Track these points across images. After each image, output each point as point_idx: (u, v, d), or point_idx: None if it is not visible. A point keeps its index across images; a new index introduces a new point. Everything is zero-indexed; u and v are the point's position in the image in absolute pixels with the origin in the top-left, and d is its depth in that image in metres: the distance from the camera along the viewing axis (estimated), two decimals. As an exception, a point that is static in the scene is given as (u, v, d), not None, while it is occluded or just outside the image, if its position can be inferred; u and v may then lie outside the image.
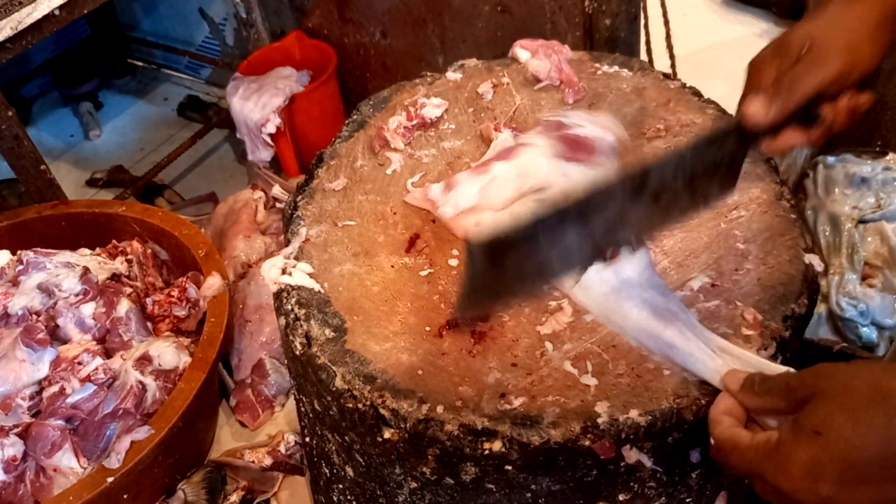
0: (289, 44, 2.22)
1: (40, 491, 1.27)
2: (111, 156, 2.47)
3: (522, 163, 1.00)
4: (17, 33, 1.49)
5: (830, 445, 0.57)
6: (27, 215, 1.69)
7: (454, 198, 1.01)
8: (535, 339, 0.86)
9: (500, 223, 0.79)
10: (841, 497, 0.57)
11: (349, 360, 0.84)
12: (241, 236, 1.81)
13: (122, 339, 1.45)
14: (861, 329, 1.60)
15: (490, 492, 0.82)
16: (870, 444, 0.56)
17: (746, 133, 0.82)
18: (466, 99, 1.19)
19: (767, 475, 0.62)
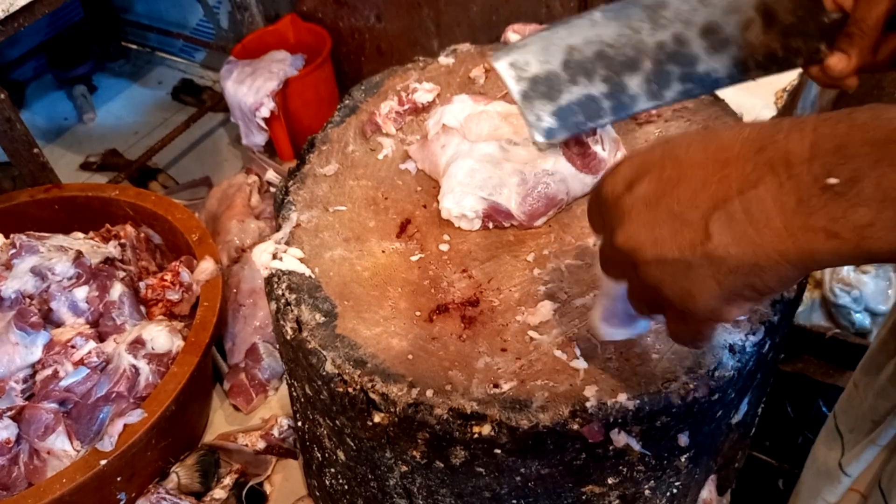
0: (283, 27, 2.21)
1: (34, 473, 1.27)
2: (105, 139, 2.46)
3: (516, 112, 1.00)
4: (8, 15, 1.48)
5: (654, 149, 0.56)
6: (20, 199, 1.68)
7: (441, 113, 1.02)
8: (524, 324, 0.86)
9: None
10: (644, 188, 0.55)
11: (339, 345, 0.84)
12: (234, 220, 1.81)
13: (116, 322, 1.45)
14: (854, 315, 1.61)
15: (480, 475, 0.82)
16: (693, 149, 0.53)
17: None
18: (459, 84, 1.19)
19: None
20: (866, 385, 0.90)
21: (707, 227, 0.51)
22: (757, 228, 0.49)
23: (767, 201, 0.48)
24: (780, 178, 0.48)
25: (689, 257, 0.52)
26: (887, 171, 0.43)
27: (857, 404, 0.91)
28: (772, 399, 1.07)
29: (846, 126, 0.46)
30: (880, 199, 0.44)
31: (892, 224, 0.44)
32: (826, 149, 0.46)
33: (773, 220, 0.48)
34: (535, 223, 0.96)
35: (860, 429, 0.90)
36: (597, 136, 0.96)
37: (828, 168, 0.45)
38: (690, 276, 0.53)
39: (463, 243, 0.96)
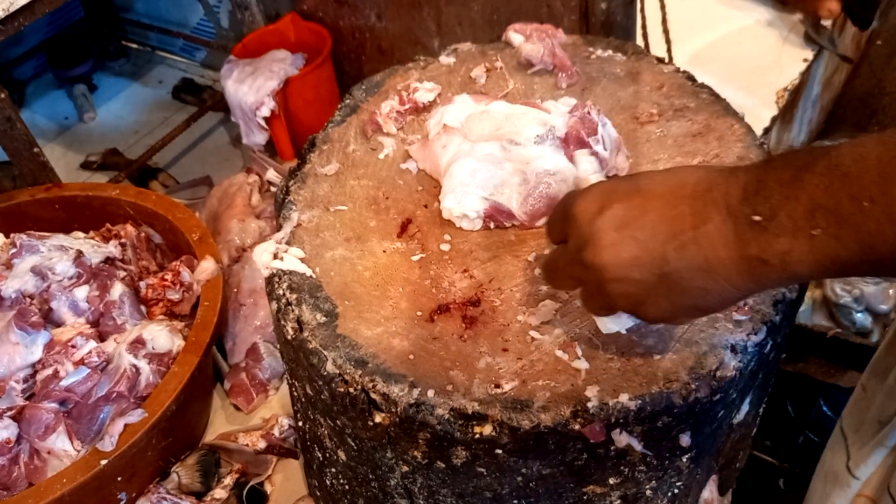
0: (284, 27, 2.21)
1: (34, 473, 1.27)
2: (105, 138, 2.46)
3: (518, 111, 1.00)
4: (8, 14, 1.48)
5: (621, 183, 0.67)
6: (20, 198, 1.68)
7: (442, 113, 1.02)
8: (525, 324, 0.86)
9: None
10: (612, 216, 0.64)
11: (340, 345, 0.84)
12: (235, 220, 1.81)
13: (116, 322, 1.45)
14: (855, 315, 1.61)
15: (481, 475, 0.82)
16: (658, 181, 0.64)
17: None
18: (460, 83, 1.19)
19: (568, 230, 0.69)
20: (874, 387, 0.90)
21: (664, 254, 0.61)
22: (706, 257, 0.59)
23: (714, 235, 0.58)
24: (723, 216, 0.58)
25: (647, 278, 0.62)
26: (795, 206, 0.53)
27: (865, 406, 0.91)
28: (773, 399, 1.07)
29: (764, 170, 0.56)
30: (793, 229, 0.53)
31: (807, 248, 0.53)
32: (751, 191, 0.56)
33: (718, 250, 0.58)
34: (536, 223, 0.96)
35: (866, 430, 0.90)
36: (598, 135, 0.96)
37: (753, 206, 0.56)
38: (646, 294, 0.64)
39: (464, 243, 0.96)
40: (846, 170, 0.51)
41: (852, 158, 0.51)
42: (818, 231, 0.52)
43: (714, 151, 1.02)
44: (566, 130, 0.97)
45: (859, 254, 0.52)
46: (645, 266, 0.62)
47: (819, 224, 0.52)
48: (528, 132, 0.97)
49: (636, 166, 1.02)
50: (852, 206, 0.50)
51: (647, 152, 1.05)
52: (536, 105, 1.02)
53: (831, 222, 0.52)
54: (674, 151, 1.04)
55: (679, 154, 1.03)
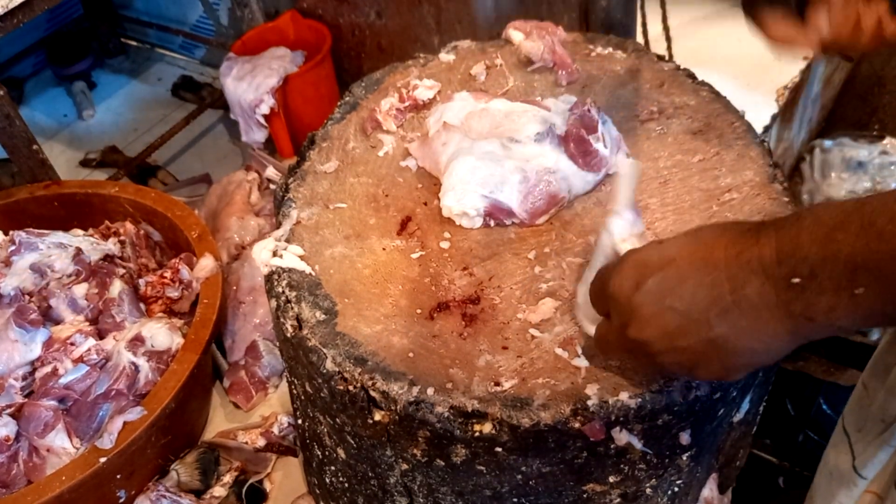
0: (283, 24, 2.20)
1: (33, 471, 1.27)
2: (104, 136, 2.46)
3: (518, 109, 1.00)
4: (7, 11, 1.47)
5: (659, 250, 0.67)
6: (19, 195, 1.68)
7: (442, 111, 1.02)
8: (525, 322, 0.86)
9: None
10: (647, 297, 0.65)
11: (340, 343, 0.84)
12: (234, 217, 1.80)
13: (115, 320, 1.45)
14: (854, 313, 1.60)
15: (480, 473, 0.82)
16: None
17: None
18: (459, 81, 1.18)
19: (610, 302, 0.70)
20: (875, 385, 0.90)
21: (709, 320, 0.62)
22: (749, 320, 0.60)
23: (754, 298, 0.59)
24: (761, 280, 0.58)
25: (696, 346, 0.63)
26: (833, 266, 0.53)
27: (867, 405, 0.91)
28: (772, 397, 1.07)
29: (797, 230, 0.56)
30: (835, 288, 0.54)
31: (848, 305, 0.54)
32: (787, 252, 0.57)
33: (761, 312, 0.59)
34: (536, 221, 0.96)
35: (869, 429, 0.90)
36: (598, 133, 0.96)
37: (791, 268, 0.56)
38: (697, 360, 0.65)
39: (464, 241, 0.96)
40: (881, 228, 0.51)
41: (887, 217, 0.51)
42: (861, 290, 0.53)
43: (714, 149, 1.02)
44: (566, 128, 0.97)
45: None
46: (691, 334, 0.63)
47: (861, 283, 0.53)
48: (528, 130, 0.97)
49: (636, 164, 1.02)
50: (892, 264, 0.51)
51: (647, 150, 1.04)
52: (536, 103, 1.02)
53: (872, 281, 0.52)
54: (674, 149, 1.04)
55: (679, 152, 1.03)
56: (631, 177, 0.80)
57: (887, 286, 0.52)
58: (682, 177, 1.00)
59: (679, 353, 0.65)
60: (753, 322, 0.59)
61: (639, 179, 0.84)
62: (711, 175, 0.99)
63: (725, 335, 0.61)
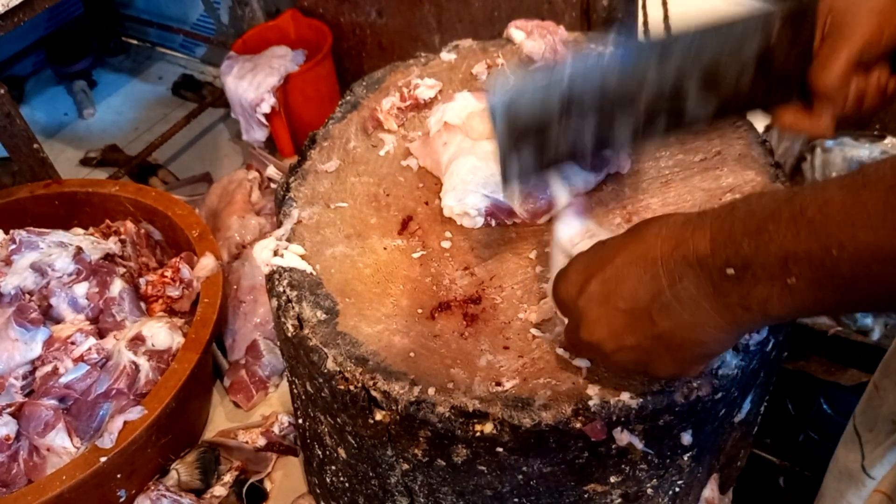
0: (284, 23, 2.20)
1: (33, 470, 1.27)
2: (105, 135, 2.45)
3: None
4: (8, 10, 1.47)
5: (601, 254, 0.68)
6: (20, 194, 1.68)
7: (443, 111, 1.02)
8: (526, 321, 0.86)
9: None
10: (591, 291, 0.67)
11: (341, 342, 0.84)
12: (235, 217, 1.80)
13: (116, 319, 1.45)
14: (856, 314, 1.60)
15: (481, 473, 0.82)
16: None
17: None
18: (461, 80, 1.18)
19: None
20: (886, 386, 0.90)
21: (651, 317, 0.62)
22: (690, 312, 0.60)
23: (692, 290, 0.59)
24: (696, 272, 0.59)
25: (643, 343, 0.65)
26: (765, 256, 0.54)
27: (877, 405, 0.91)
28: (773, 397, 1.07)
29: (731, 221, 0.57)
30: (768, 278, 0.54)
31: (783, 295, 0.54)
32: (720, 243, 0.57)
33: (700, 303, 0.59)
34: (537, 221, 0.95)
35: (880, 430, 0.90)
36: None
37: (725, 260, 0.56)
38: (648, 356, 0.66)
39: (465, 240, 0.96)
40: (811, 216, 0.52)
41: (816, 205, 0.52)
42: (793, 279, 0.53)
43: (716, 149, 1.02)
44: (568, 127, 0.96)
45: (838, 296, 0.53)
46: (637, 332, 0.64)
47: (793, 272, 0.53)
48: None
49: (638, 163, 1.02)
50: (822, 253, 0.51)
51: (648, 150, 1.04)
52: (538, 102, 1.02)
53: (804, 269, 0.52)
54: (675, 148, 1.03)
55: (681, 151, 1.03)
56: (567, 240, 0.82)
57: (818, 275, 0.52)
58: (683, 176, 0.99)
59: (630, 352, 0.66)
60: (694, 315, 0.60)
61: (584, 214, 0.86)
62: (713, 175, 0.99)
63: (670, 330, 0.62)
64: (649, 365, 0.67)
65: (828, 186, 0.52)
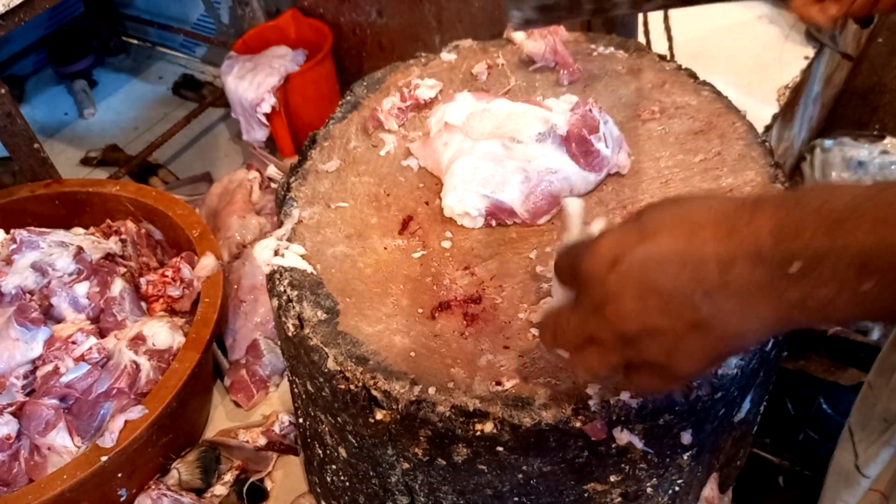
0: (284, 23, 2.20)
1: (34, 469, 1.27)
2: (105, 134, 2.45)
3: (519, 109, 1.00)
4: (8, 10, 1.47)
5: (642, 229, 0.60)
6: (20, 194, 1.68)
7: (443, 111, 1.02)
8: (526, 321, 0.86)
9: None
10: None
11: (341, 342, 0.84)
12: (235, 216, 1.80)
13: (116, 318, 1.45)
14: (855, 312, 1.60)
15: (482, 472, 0.82)
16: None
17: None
18: (461, 80, 1.18)
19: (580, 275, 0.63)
20: (880, 385, 0.90)
21: (693, 302, 0.56)
22: (737, 303, 0.55)
23: (745, 280, 0.54)
24: (754, 263, 0.53)
25: (677, 328, 0.57)
26: (840, 257, 0.49)
27: (871, 404, 0.91)
28: (773, 396, 1.07)
29: (800, 213, 0.52)
30: (837, 280, 0.50)
31: (849, 299, 0.50)
32: (787, 235, 0.52)
33: (753, 295, 0.54)
34: (538, 221, 0.96)
35: (872, 428, 0.90)
36: (600, 133, 0.96)
37: (791, 253, 0.51)
38: (676, 346, 0.58)
39: (465, 240, 0.96)
40: (890, 219, 0.48)
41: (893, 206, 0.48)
42: (868, 286, 0.49)
43: (716, 149, 1.02)
44: (568, 128, 0.97)
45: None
46: (673, 315, 0.57)
47: (869, 279, 0.49)
48: (530, 130, 0.97)
49: (638, 163, 1.02)
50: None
51: (648, 150, 1.04)
52: (538, 103, 1.02)
53: (882, 277, 0.48)
54: (675, 149, 1.04)
55: (681, 152, 1.03)
56: (578, 215, 0.77)
57: (894, 283, 0.48)
58: (683, 177, 1.00)
59: (658, 336, 0.59)
60: (742, 305, 0.55)
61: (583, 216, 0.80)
62: (713, 175, 0.99)
63: (711, 318, 0.56)
64: (671, 357, 0.59)
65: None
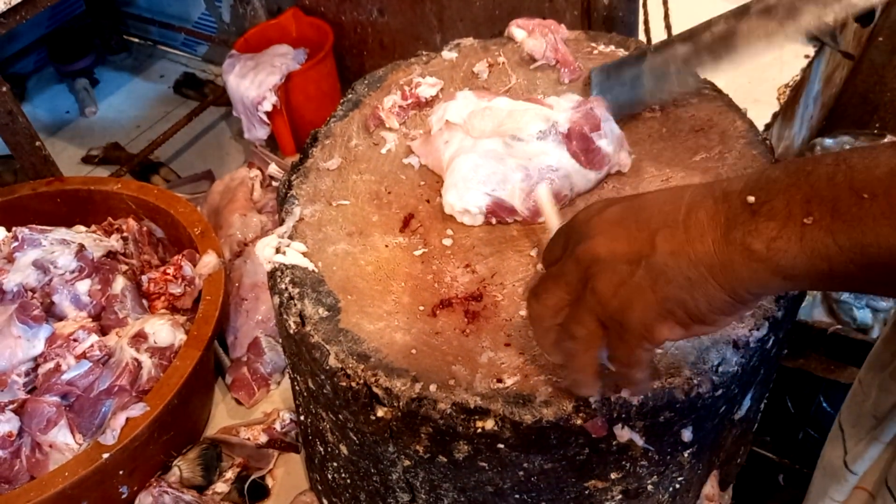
0: (285, 21, 2.21)
1: (36, 467, 1.27)
2: (107, 133, 2.46)
3: (520, 107, 1.00)
4: (10, 8, 1.47)
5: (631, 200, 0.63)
6: (22, 192, 1.68)
7: (445, 109, 1.02)
8: (527, 319, 0.86)
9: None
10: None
11: (343, 339, 0.84)
12: (237, 214, 1.81)
13: (118, 316, 1.45)
14: (856, 311, 1.61)
15: (483, 470, 0.82)
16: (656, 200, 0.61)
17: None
18: (462, 78, 1.18)
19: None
20: (870, 382, 0.90)
21: (654, 240, 0.58)
22: (691, 243, 0.56)
23: (703, 220, 0.56)
24: (717, 203, 0.55)
25: (634, 265, 0.59)
26: (794, 193, 0.51)
27: (861, 401, 0.91)
28: (772, 395, 1.08)
29: (772, 168, 0.54)
30: (786, 215, 0.51)
31: (795, 238, 0.50)
32: (755, 181, 0.54)
33: (705, 236, 0.55)
34: (538, 219, 0.96)
35: (862, 425, 0.90)
36: (601, 131, 0.96)
37: (751, 189, 0.54)
38: (633, 288, 0.59)
39: (466, 238, 0.96)
40: (852, 164, 0.49)
41: (861, 156, 0.49)
42: (810, 220, 0.49)
43: (717, 148, 1.02)
44: (569, 126, 0.97)
45: (850, 253, 0.49)
46: (633, 253, 0.59)
47: (813, 212, 0.49)
48: (531, 128, 0.97)
49: (638, 161, 1.02)
50: (851, 198, 0.48)
51: (649, 148, 1.05)
52: (539, 101, 1.02)
53: (826, 212, 0.49)
54: (676, 147, 1.04)
55: (682, 150, 1.03)
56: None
57: (838, 221, 0.48)
58: (683, 175, 1.00)
59: (617, 276, 0.60)
60: (694, 247, 0.55)
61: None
62: (713, 173, 0.99)
63: (664, 257, 0.57)
64: (627, 300, 0.59)
65: (880, 147, 0.50)
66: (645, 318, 0.59)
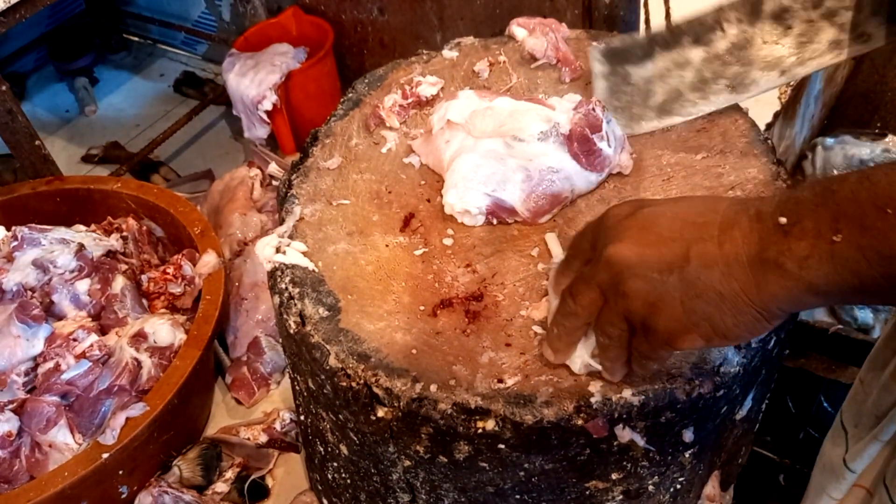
0: (286, 20, 2.20)
1: (35, 466, 1.27)
2: (107, 131, 2.46)
3: (522, 108, 0.99)
4: (10, 6, 1.47)
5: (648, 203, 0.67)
6: (22, 191, 1.68)
7: (446, 108, 1.02)
8: (528, 319, 0.86)
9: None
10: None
11: (343, 339, 0.84)
12: (237, 214, 1.81)
13: (118, 315, 1.45)
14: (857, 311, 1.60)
15: (483, 470, 0.82)
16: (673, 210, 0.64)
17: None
18: (462, 77, 1.18)
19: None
20: (871, 381, 0.90)
21: (688, 252, 0.60)
22: (726, 260, 0.58)
23: (737, 237, 0.58)
24: (752, 222, 0.57)
25: (666, 277, 0.61)
26: (822, 213, 0.53)
27: (862, 400, 0.91)
28: (774, 395, 1.07)
29: (800, 190, 0.56)
30: (815, 234, 0.53)
31: (826, 256, 0.52)
32: (785, 202, 0.56)
33: (740, 254, 0.57)
34: (539, 220, 0.96)
35: (864, 424, 0.90)
36: (602, 132, 0.96)
37: (782, 209, 0.55)
38: (661, 295, 0.61)
39: (467, 238, 0.96)
40: (875, 181, 0.51)
41: (884, 173, 0.51)
42: (839, 237, 0.51)
43: (718, 147, 1.02)
44: (570, 127, 0.97)
45: (879, 267, 0.50)
46: (665, 263, 0.61)
47: (841, 230, 0.51)
48: (532, 129, 0.97)
49: (640, 161, 1.02)
50: (875, 213, 0.50)
51: (650, 148, 1.04)
52: (541, 101, 1.02)
53: (854, 229, 0.51)
54: (677, 147, 1.03)
55: (683, 149, 1.03)
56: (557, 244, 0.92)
57: (866, 237, 0.50)
58: (685, 174, 1.00)
59: (647, 282, 0.62)
60: (726, 259, 0.58)
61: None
62: (715, 173, 0.99)
63: (697, 270, 0.59)
64: (655, 307, 0.62)
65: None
66: (670, 327, 0.62)
